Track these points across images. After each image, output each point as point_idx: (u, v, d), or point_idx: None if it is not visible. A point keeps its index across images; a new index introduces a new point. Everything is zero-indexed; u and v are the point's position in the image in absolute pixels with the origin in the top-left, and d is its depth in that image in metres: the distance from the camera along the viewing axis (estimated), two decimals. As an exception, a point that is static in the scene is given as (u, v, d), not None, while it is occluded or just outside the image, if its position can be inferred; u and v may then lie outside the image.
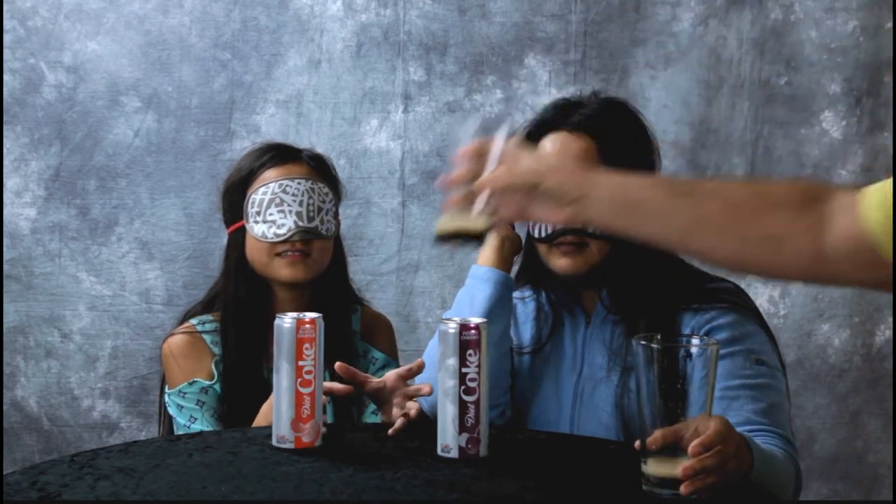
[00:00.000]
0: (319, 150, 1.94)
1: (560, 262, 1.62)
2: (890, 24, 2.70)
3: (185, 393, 1.72)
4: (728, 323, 1.55)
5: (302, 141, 2.71)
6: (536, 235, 1.62)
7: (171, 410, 1.73)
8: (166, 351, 1.77)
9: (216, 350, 1.76)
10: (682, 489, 1.12)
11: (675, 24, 2.73)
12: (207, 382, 1.73)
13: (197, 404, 1.72)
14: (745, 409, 1.47)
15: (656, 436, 1.15)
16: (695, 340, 1.18)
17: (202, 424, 1.70)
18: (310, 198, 1.73)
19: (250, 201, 1.74)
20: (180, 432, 1.71)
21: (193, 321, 1.80)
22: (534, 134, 1.66)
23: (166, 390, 1.76)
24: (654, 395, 1.15)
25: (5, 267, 2.81)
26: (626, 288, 1.61)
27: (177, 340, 1.77)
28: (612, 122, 1.63)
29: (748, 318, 1.57)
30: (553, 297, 1.70)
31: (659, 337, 1.17)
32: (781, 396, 1.53)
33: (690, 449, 1.12)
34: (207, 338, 1.77)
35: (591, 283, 1.64)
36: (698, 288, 1.61)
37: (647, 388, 1.15)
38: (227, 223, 1.82)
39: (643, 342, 1.16)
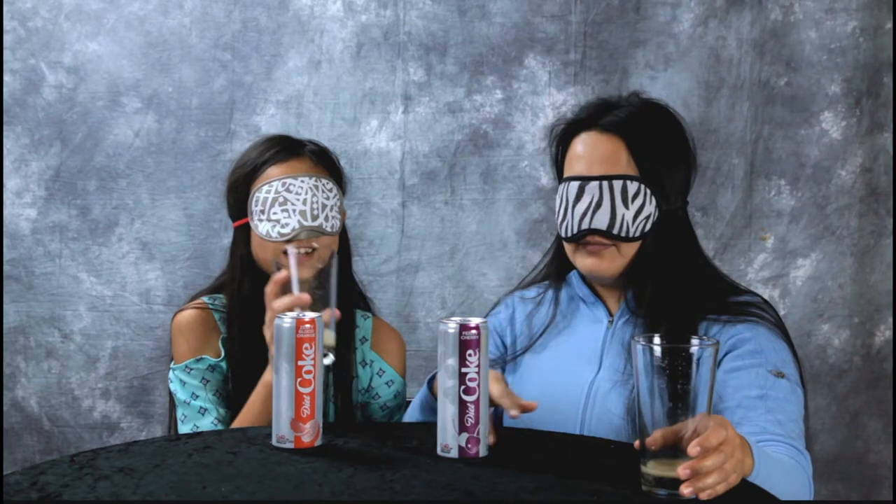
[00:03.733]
0: (321, 147, 1.93)
1: (586, 262, 1.62)
2: (890, 25, 2.70)
3: (190, 369, 1.73)
4: (753, 336, 1.55)
5: (302, 141, 2.71)
6: (563, 234, 1.62)
7: (174, 386, 1.74)
8: (175, 326, 1.78)
9: (223, 329, 1.78)
10: (682, 489, 1.12)
11: (675, 25, 2.74)
12: (214, 360, 1.75)
13: (201, 381, 1.73)
14: (762, 419, 1.47)
15: (655, 436, 1.15)
16: (694, 341, 1.18)
17: (203, 402, 1.71)
18: (314, 196, 1.73)
19: (254, 199, 1.74)
20: (179, 409, 1.73)
21: (205, 298, 1.81)
22: (566, 133, 1.66)
23: (172, 366, 1.77)
24: (653, 396, 1.15)
25: (6, 267, 2.81)
26: (651, 291, 1.60)
27: (187, 315, 1.78)
28: (646, 124, 1.62)
29: (773, 333, 1.57)
30: (579, 292, 1.71)
31: (659, 338, 1.17)
32: (799, 411, 1.53)
33: (689, 449, 1.12)
34: (217, 315, 1.79)
35: (617, 282, 1.64)
36: (724, 301, 1.60)
37: (646, 389, 1.16)
38: (233, 218, 1.83)
39: (642, 342, 1.16)
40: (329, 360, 1.50)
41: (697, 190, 2.75)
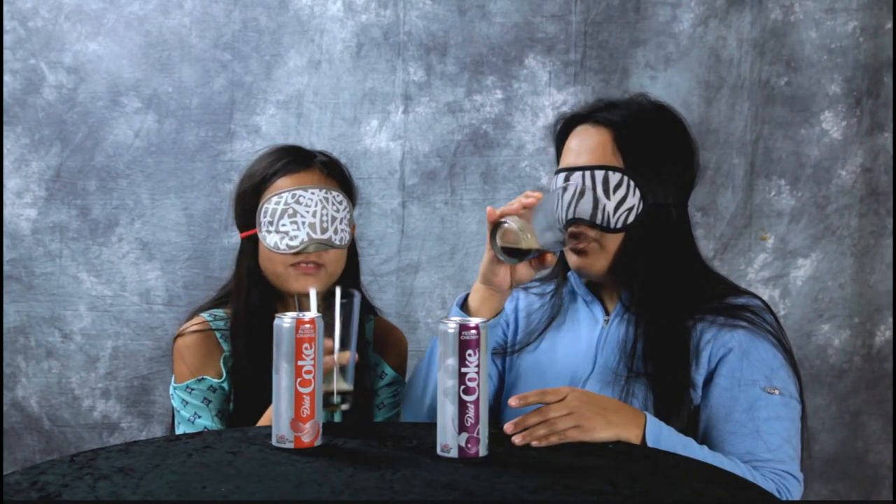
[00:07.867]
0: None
1: (572, 259, 1.63)
2: (890, 25, 2.70)
3: (192, 389, 1.72)
4: (745, 350, 1.53)
5: (302, 142, 2.71)
6: None
7: (175, 403, 1.73)
8: (176, 349, 1.76)
9: (226, 346, 1.75)
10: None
11: (675, 25, 2.74)
12: (216, 381, 1.73)
13: (203, 402, 1.71)
14: (753, 446, 1.48)
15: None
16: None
17: (206, 422, 1.70)
18: (323, 208, 1.71)
19: (263, 210, 1.72)
20: (182, 426, 1.71)
21: (205, 315, 1.78)
22: (565, 127, 1.67)
23: (173, 384, 1.75)
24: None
25: (6, 267, 2.81)
26: (640, 288, 1.59)
27: (188, 339, 1.75)
28: (638, 119, 1.62)
29: (766, 341, 1.55)
30: (577, 291, 1.71)
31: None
32: (793, 427, 1.52)
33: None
34: (218, 334, 1.76)
35: (611, 280, 1.64)
36: (721, 302, 1.59)
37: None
38: (240, 228, 1.80)
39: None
40: (346, 405, 1.47)
41: (697, 190, 2.74)
